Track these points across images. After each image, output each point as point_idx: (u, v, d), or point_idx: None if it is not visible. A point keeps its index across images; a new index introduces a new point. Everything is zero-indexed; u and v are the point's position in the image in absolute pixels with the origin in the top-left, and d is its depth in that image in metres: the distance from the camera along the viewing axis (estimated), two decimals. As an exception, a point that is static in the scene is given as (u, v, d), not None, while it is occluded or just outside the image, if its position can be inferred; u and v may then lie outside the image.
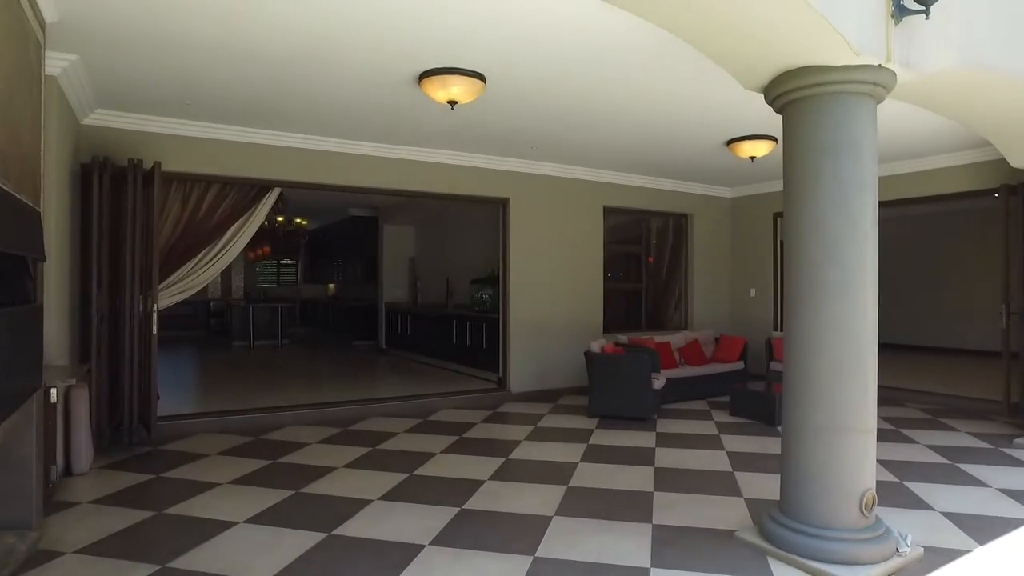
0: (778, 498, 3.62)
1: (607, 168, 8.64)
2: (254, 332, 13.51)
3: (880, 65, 3.14)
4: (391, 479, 4.81)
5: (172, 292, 6.43)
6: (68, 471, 4.88)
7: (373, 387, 8.39)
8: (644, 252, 9.80)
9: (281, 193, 9.44)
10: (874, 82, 3.20)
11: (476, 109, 5.66)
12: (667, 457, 5.42)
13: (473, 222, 10.54)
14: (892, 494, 4.37)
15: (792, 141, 3.45)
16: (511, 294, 8.10)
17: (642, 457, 5.42)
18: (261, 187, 6.83)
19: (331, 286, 17.40)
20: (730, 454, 5.50)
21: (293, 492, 4.50)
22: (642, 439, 6.03)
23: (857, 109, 3.24)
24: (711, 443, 5.89)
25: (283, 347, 13.40)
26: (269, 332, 13.73)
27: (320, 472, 4.98)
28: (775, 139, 6.60)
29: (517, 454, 5.54)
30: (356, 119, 6.15)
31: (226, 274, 16.93)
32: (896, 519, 3.73)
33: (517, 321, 8.11)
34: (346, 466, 5.15)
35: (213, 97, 5.48)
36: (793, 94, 3.38)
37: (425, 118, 6.09)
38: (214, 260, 6.66)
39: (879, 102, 3.34)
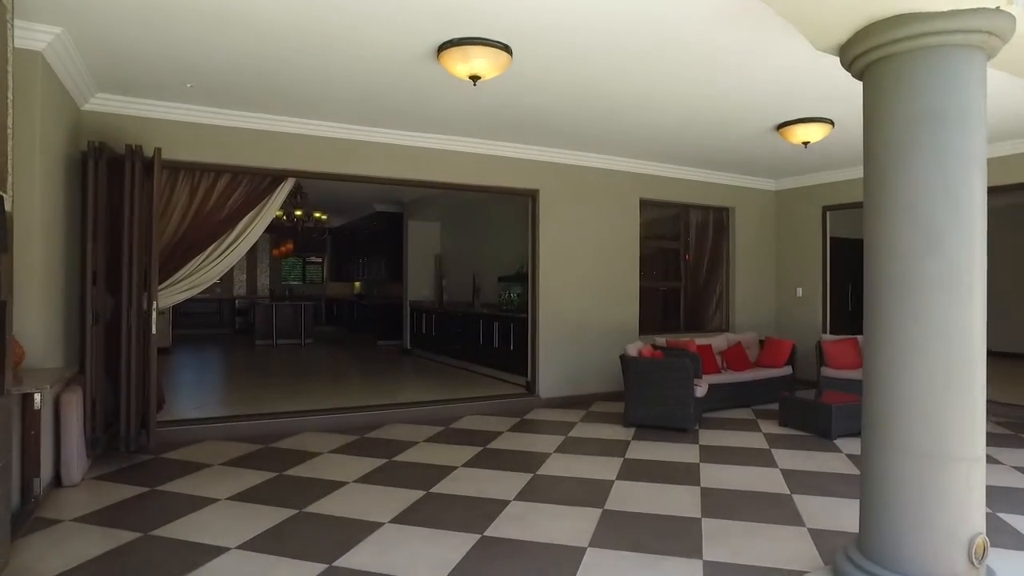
0: (854, 532, 3.03)
1: (644, 158, 8.06)
2: (277, 331, 13.20)
3: (998, 8, 2.54)
4: (406, 497, 4.32)
5: (178, 290, 6.04)
6: (58, 482, 4.51)
7: (394, 390, 7.94)
8: (683, 248, 9.19)
9: (299, 186, 9.08)
10: (988, 31, 2.59)
11: (501, 88, 5.15)
12: (714, 475, 4.84)
13: (501, 217, 10.05)
14: (988, 529, 3.74)
15: (877, 110, 2.86)
16: (540, 293, 7.57)
17: (686, 475, 4.85)
18: (274, 177, 6.41)
19: (357, 284, 17.07)
20: (784, 472, 4.89)
21: (296, 512, 4.05)
22: (684, 453, 5.46)
23: (964, 65, 2.64)
24: (762, 459, 5.29)
25: (306, 346, 13.07)
26: (293, 331, 13.42)
27: (328, 487, 4.52)
28: (831, 122, 5.96)
29: (546, 469, 5.01)
30: (372, 102, 5.69)
31: (252, 271, 16.72)
32: (1003, 565, 3.11)
33: (547, 322, 7.59)
34: (358, 480, 4.69)
35: (217, 79, 5.06)
36: (880, 51, 2.79)
37: (446, 100, 5.60)
38: (223, 255, 6.26)
39: (991, 57, 2.73)
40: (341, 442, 5.79)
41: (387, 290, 14.70)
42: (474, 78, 4.34)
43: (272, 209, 6.51)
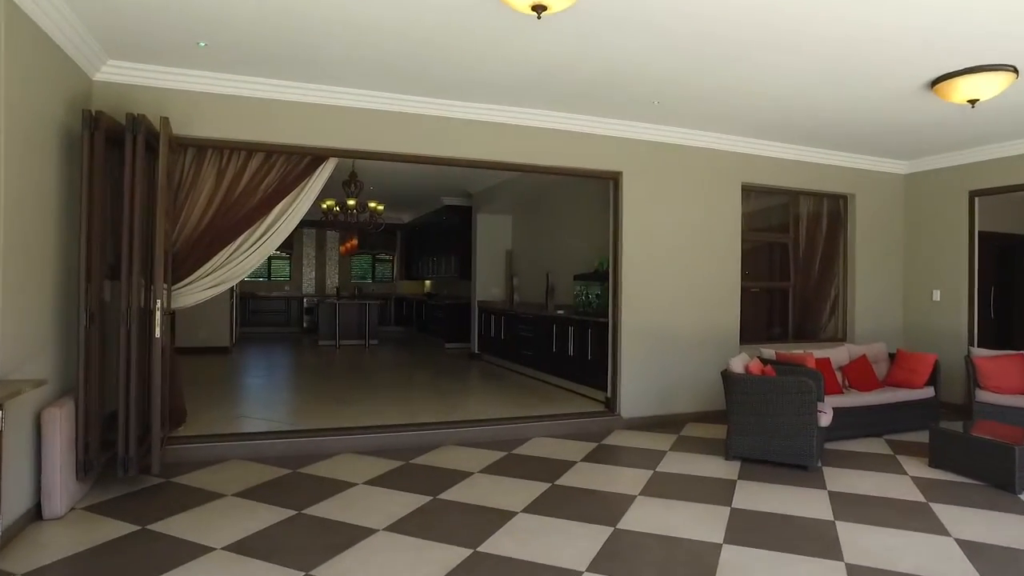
0: None
1: (748, 134, 6.77)
2: (340, 331, 12.59)
3: None
4: (443, 558, 3.32)
5: (201, 287, 5.28)
6: (39, 514, 3.78)
7: (453, 404, 6.99)
8: (791, 243, 7.80)
9: (354, 174, 8.28)
10: None
11: (575, 26, 4.08)
12: (859, 542, 3.58)
13: (578, 206, 8.94)
14: None
15: None
16: (623, 294, 6.43)
17: (819, 540, 3.62)
18: (314, 157, 5.57)
19: (427, 283, 16.36)
20: (964, 545, 3.56)
21: (303, 575, 3.12)
22: (810, 503, 4.21)
23: None
24: (921, 519, 3.96)
25: (370, 349, 12.39)
26: (357, 331, 12.78)
27: (353, 536, 3.59)
28: (1014, 70, 4.54)
29: (631, 521, 3.89)
30: (419, 57, 4.74)
31: (321, 269, 16.30)
32: None
33: (630, 327, 6.43)
34: (390, 528, 3.73)
35: (237, 36, 4.25)
36: None
37: (503, 51, 4.58)
38: (254, 248, 5.46)
39: None
40: (382, 468, 4.88)
41: (456, 289, 13.87)
42: (538, 8, 3.28)
43: (311, 194, 5.67)
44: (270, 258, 15.82)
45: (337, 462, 5.04)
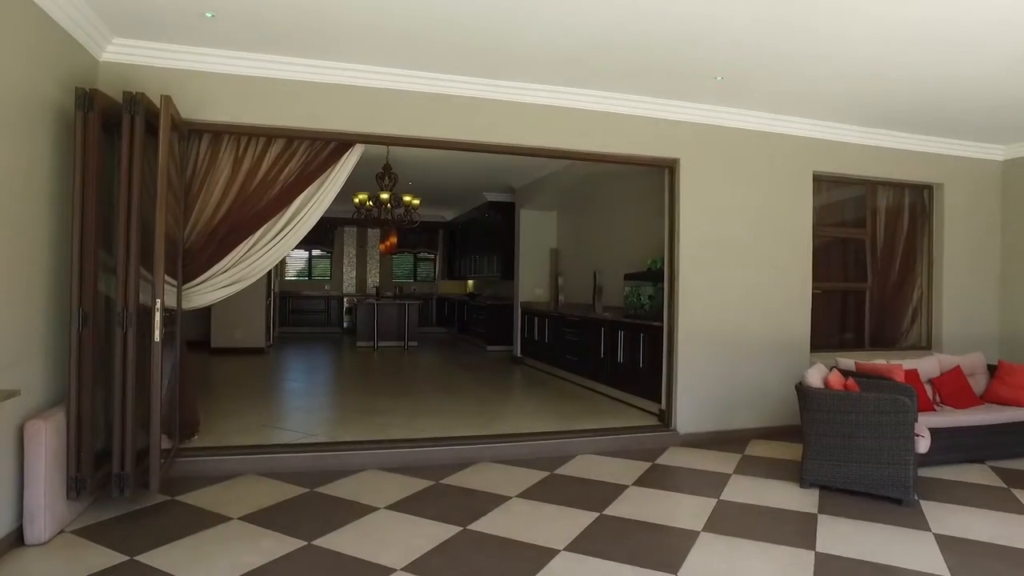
0: None
1: (822, 116, 6.03)
2: (379, 332, 12.19)
3: None
4: (470, 615, 2.75)
5: (217, 284, 4.85)
6: (21, 539, 3.37)
7: (493, 414, 6.42)
8: (868, 239, 6.98)
9: (388, 166, 7.81)
10: None
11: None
12: (987, 606, 2.87)
13: (629, 199, 8.28)
14: None
15: None
16: (680, 295, 5.76)
17: (934, 601, 2.92)
18: (339, 143, 5.10)
19: (470, 283, 15.88)
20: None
21: (297, 632, 2.60)
22: (914, 548, 3.49)
23: None
24: (1058, 573, 3.22)
25: (408, 351, 11.94)
26: (396, 332, 12.36)
27: (363, 579, 3.06)
28: None
29: (695, 567, 3.25)
30: (450, 27, 4.20)
31: (362, 268, 15.98)
32: None
33: (688, 332, 5.76)
34: (409, 567, 3.18)
35: (248, 6, 3.78)
36: None
37: (546, 15, 4.00)
38: (274, 242, 5.01)
39: None
40: (409, 489, 4.35)
41: (499, 289, 13.34)
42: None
43: (336, 183, 5.19)
44: (310, 256, 15.61)
45: (360, 480, 4.54)
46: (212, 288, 4.89)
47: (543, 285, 10.74)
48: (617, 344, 7.13)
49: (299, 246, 15.47)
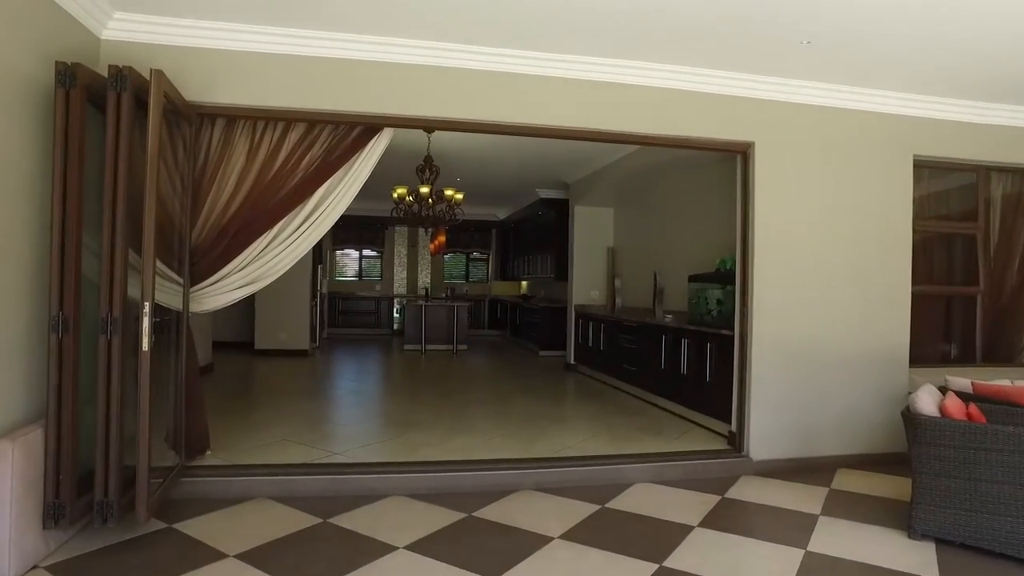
0: None
1: (923, 91, 5.14)
2: (427, 335, 11.70)
3: None
4: None
5: (231, 285, 4.39)
6: (-17, 580, 2.92)
7: (539, 430, 5.77)
8: (981, 235, 5.97)
9: (429, 158, 7.25)
10: None
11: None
12: None
13: (693, 192, 7.49)
14: None
15: None
16: (755, 298, 4.97)
17: None
18: (365, 127, 4.56)
19: (523, 284, 15.26)
20: None
21: None
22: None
23: None
24: None
25: (457, 355, 11.40)
26: (446, 335, 11.85)
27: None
28: None
29: (782, 654, 2.53)
30: None
31: (412, 268, 15.58)
32: None
33: (763, 341, 4.97)
34: (419, 639, 2.57)
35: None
36: None
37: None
38: (294, 238, 4.50)
39: None
40: (436, 523, 3.75)
41: (553, 291, 12.68)
42: None
43: (363, 172, 4.66)
44: (361, 256, 15.30)
45: (382, 510, 3.97)
46: (225, 289, 4.42)
47: (599, 287, 10.01)
48: (680, 354, 6.36)
49: (349, 246, 15.22)
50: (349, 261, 15.44)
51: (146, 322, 3.30)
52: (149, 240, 3.33)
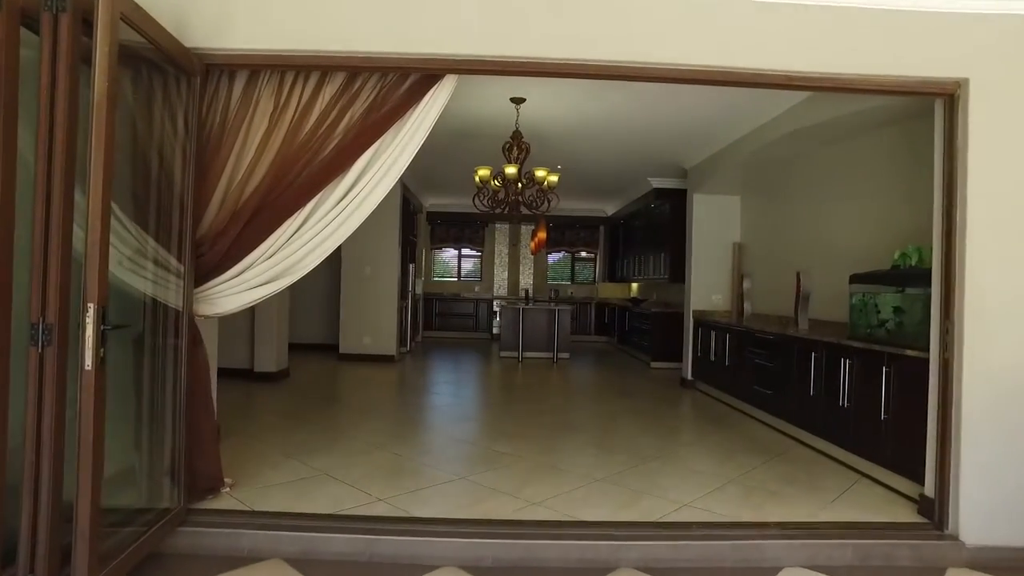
0: None
1: None
2: (524, 341, 10.60)
3: None
4: None
5: (247, 283, 3.47)
6: None
7: (647, 475, 4.47)
8: None
9: (518, 135, 6.09)
10: None
11: None
12: None
13: (853, 167, 5.89)
14: None
15: None
16: (967, 308, 3.42)
17: None
18: (423, 75, 3.51)
19: (634, 286, 13.86)
20: None
21: None
22: None
23: None
24: None
25: (557, 364, 10.21)
26: (546, 342, 10.70)
27: None
28: None
29: None
30: None
31: (514, 268, 14.57)
32: None
33: (981, 370, 3.40)
34: None
35: None
36: None
37: None
38: (328, 221, 3.52)
39: None
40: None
41: (667, 294, 11.23)
42: None
43: (418, 133, 3.61)
44: (460, 256, 14.48)
45: (420, 591, 2.87)
46: (242, 287, 3.51)
47: (722, 290, 8.48)
48: (839, 378, 4.82)
49: (447, 244, 14.43)
50: (447, 260, 14.67)
51: (90, 330, 2.37)
52: (96, 220, 2.39)
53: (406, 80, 3.53)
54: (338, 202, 3.57)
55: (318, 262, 3.64)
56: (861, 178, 5.70)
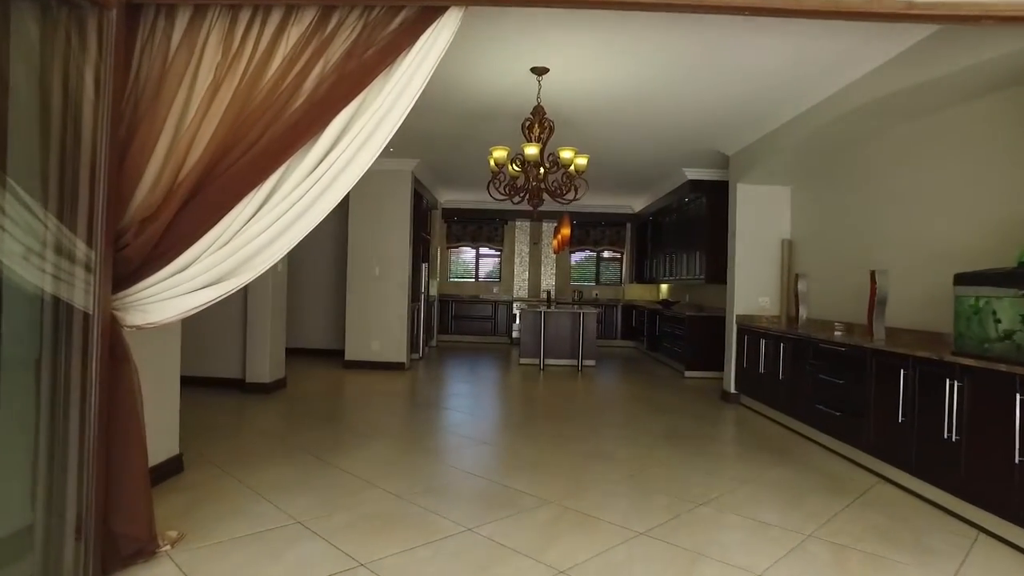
0: None
1: None
2: (547, 347, 9.72)
3: None
4: None
5: (186, 284, 2.66)
6: None
7: (703, 527, 3.60)
8: None
9: (540, 110, 5.20)
10: None
11: None
12: None
13: (941, 142, 4.95)
14: None
15: None
16: None
17: None
18: (419, 10, 2.68)
19: (664, 287, 12.93)
20: None
21: None
22: None
23: None
24: None
25: (582, 373, 9.32)
26: (569, 348, 9.83)
27: None
28: None
29: None
30: None
31: (536, 269, 13.70)
32: None
33: None
34: None
35: None
36: None
37: None
38: (298, 199, 2.71)
39: None
40: None
41: (702, 296, 10.32)
42: None
43: (415, 81, 2.78)
44: (478, 255, 13.66)
45: None
46: (181, 288, 2.69)
47: (770, 292, 7.54)
48: (943, 404, 3.88)
49: (464, 243, 13.60)
50: (466, 261, 13.84)
51: None
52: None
53: (397, 16, 2.71)
54: (309, 173, 2.75)
55: (284, 252, 2.82)
56: (957, 157, 4.75)
